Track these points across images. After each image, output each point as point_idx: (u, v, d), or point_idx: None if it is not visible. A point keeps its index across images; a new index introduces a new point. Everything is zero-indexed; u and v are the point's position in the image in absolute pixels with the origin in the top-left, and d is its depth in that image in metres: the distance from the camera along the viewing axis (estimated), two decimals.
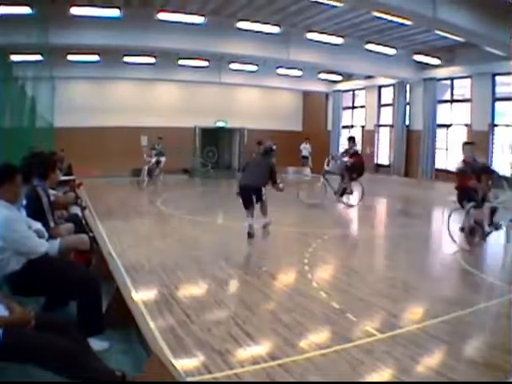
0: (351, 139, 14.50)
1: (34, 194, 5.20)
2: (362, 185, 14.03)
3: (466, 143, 9.02)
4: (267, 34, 15.28)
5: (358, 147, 23.86)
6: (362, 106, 24.21)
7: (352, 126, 24.97)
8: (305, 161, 24.81)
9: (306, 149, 24.92)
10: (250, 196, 9.45)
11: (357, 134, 24.31)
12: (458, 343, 4.59)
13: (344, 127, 25.25)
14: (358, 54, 17.52)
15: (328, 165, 15.17)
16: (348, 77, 23.89)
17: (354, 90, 24.77)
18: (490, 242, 10.49)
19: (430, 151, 19.37)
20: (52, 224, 5.35)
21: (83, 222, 7.33)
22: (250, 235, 9.34)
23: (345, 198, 14.18)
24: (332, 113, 25.62)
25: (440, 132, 19.33)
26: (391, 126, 21.71)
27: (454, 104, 19.18)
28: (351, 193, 14.14)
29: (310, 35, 15.56)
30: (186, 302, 5.70)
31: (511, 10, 11.19)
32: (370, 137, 23.24)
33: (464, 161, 8.56)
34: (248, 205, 9.38)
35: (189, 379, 3.71)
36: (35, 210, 5.00)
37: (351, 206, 14.08)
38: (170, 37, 14.81)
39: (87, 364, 2.98)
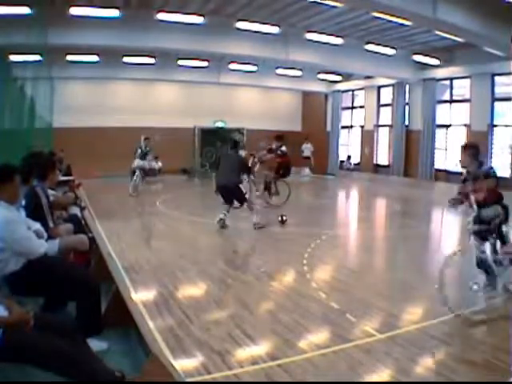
0: (279, 138, 14.03)
1: (33, 195, 5.20)
2: (288, 186, 13.61)
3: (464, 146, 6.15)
4: (266, 34, 15.28)
5: (357, 147, 24.11)
6: (361, 106, 24.21)
7: (351, 126, 24.99)
8: (306, 161, 24.82)
9: (307, 149, 24.94)
10: (229, 196, 10.00)
11: (356, 134, 24.43)
12: (458, 344, 4.59)
13: (343, 127, 25.26)
14: (358, 54, 17.53)
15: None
16: (347, 77, 23.90)
17: (353, 90, 24.77)
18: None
19: (430, 151, 19.37)
20: (51, 224, 5.35)
21: (82, 222, 7.33)
22: (223, 226, 9.90)
23: (269, 198, 13.58)
24: (331, 113, 25.62)
25: (439, 132, 19.34)
26: (390, 126, 21.72)
27: (453, 104, 19.19)
28: (277, 193, 13.59)
29: (309, 35, 15.56)
30: (185, 302, 5.70)
31: (511, 10, 11.20)
32: (369, 137, 23.25)
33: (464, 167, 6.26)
34: (227, 201, 10.13)
35: (188, 379, 3.70)
36: (34, 211, 5.00)
37: (276, 205, 13.12)
38: (169, 37, 14.81)
39: (86, 364, 2.99)
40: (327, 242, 9.31)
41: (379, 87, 22.69)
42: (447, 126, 19.15)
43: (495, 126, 16.93)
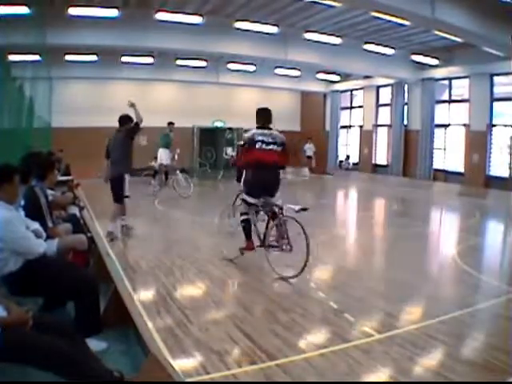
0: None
1: (32, 195, 5.20)
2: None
3: None
4: (265, 34, 15.30)
5: (356, 147, 24.12)
6: (360, 106, 24.26)
7: (350, 126, 25.02)
8: (308, 161, 24.84)
9: (310, 149, 24.97)
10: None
11: (355, 134, 24.44)
12: (457, 344, 4.59)
13: (342, 127, 25.29)
14: (357, 54, 17.56)
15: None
16: (346, 77, 23.93)
17: (352, 90, 24.81)
18: (488, 241, 10.55)
19: (428, 151, 19.40)
20: (50, 224, 5.35)
21: (81, 222, 7.34)
22: (112, 239, 8.70)
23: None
24: (330, 113, 25.66)
25: (438, 132, 19.37)
26: (389, 126, 21.75)
27: (452, 104, 19.23)
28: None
29: (308, 35, 15.58)
30: (184, 302, 5.69)
31: (509, 10, 11.22)
32: (368, 137, 23.27)
33: None
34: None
35: (187, 379, 3.70)
36: (33, 211, 5.00)
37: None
38: (168, 37, 14.83)
39: (85, 364, 2.99)
40: (326, 242, 9.30)
41: (378, 87, 22.73)
42: (446, 126, 19.18)
43: (494, 125, 16.97)
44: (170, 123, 15.73)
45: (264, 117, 7.15)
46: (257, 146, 6.76)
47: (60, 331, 3.13)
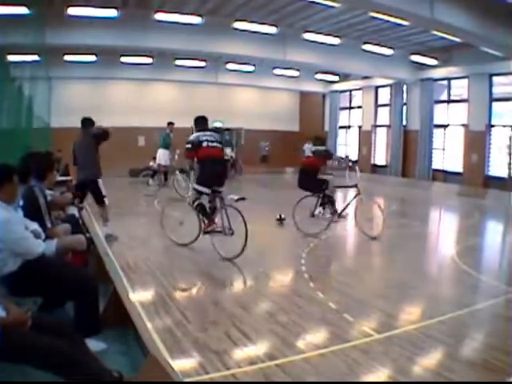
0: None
1: (30, 195, 5.19)
2: None
3: None
4: (264, 34, 15.31)
5: (355, 147, 24.11)
6: (359, 107, 24.27)
7: (349, 127, 25.02)
8: None
9: (309, 149, 24.88)
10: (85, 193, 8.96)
11: (354, 134, 24.45)
12: (456, 344, 4.59)
13: (341, 127, 25.29)
14: (355, 54, 17.57)
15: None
16: (345, 77, 23.94)
17: (351, 91, 24.82)
18: (487, 242, 10.56)
19: (427, 151, 19.42)
20: (49, 224, 5.35)
21: (80, 222, 7.34)
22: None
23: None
24: (329, 113, 25.68)
25: (437, 132, 19.39)
26: (388, 127, 21.77)
27: (451, 104, 19.24)
28: None
29: (306, 35, 15.59)
30: (183, 302, 5.70)
31: (508, 10, 11.23)
32: (367, 137, 23.28)
33: None
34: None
35: (186, 379, 3.70)
36: (32, 211, 4.99)
37: None
38: (167, 37, 14.84)
39: (84, 364, 2.99)
40: (325, 242, 9.31)
41: (377, 87, 22.75)
42: (445, 126, 19.20)
43: (493, 126, 16.98)
44: (170, 123, 15.72)
45: (203, 123, 8.48)
46: (204, 145, 7.92)
47: (59, 331, 3.13)
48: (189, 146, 8.21)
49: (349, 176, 10.49)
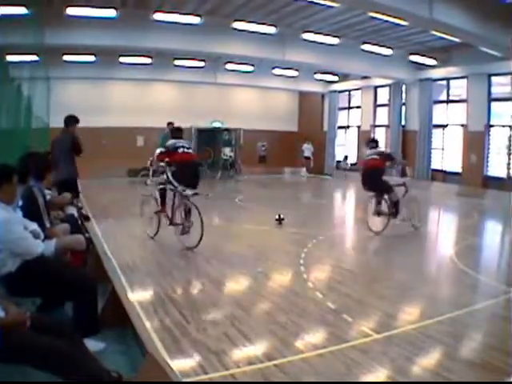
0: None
1: (29, 195, 5.19)
2: None
3: None
4: (263, 34, 15.30)
5: (354, 147, 24.13)
6: (358, 107, 24.25)
7: (348, 127, 25.02)
8: (306, 161, 24.88)
9: (308, 149, 24.99)
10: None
11: (353, 134, 24.45)
12: (455, 344, 4.60)
13: (340, 127, 25.29)
14: (354, 54, 17.57)
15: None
16: (344, 77, 23.92)
17: (349, 91, 24.81)
18: (486, 242, 10.57)
19: (426, 151, 19.42)
20: (48, 224, 5.34)
21: (79, 222, 7.33)
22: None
23: None
24: (328, 113, 25.66)
25: (436, 132, 19.39)
26: (387, 127, 21.77)
27: (450, 104, 19.24)
28: None
29: (305, 35, 15.59)
30: (181, 302, 5.70)
31: (507, 11, 11.23)
32: (366, 137, 23.24)
33: None
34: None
35: (185, 380, 3.70)
36: (31, 211, 4.99)
37: None
38: (166, 37, 14.83)
39: (83, 365, 2.98)
40: (324, 242, 9.32)
41: (376, 87, 22.74)
42: (444, 126, 19.20)
43: (492, 126, 16.98)
44: (170, 123, 15.69)
45: (178, 133, 9.20)
46: (179, 151, 8.55)
47: (58, 331, 3.13)
48: (162, 150, 9.13)
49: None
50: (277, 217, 10.76)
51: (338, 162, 24.98)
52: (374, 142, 10.61)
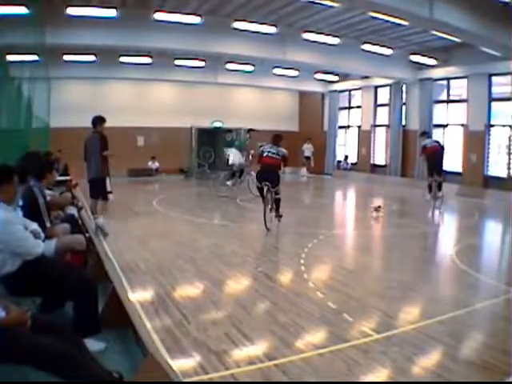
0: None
1: (30, 195, 5.19)
2: None
3: None
4: (264, 34, 15.30)
5: (354, 147, 24.13)
6: (358, 107, 24.25)
7: (348, 126, 25.03)
8: (307, 161, 24.88)
9: (308, 149, 25.00)
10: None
11: (353, 134, 24.45)
12: (455, 344, 4.59)
13: (340, 127, 25.29)
14: (355, 54, 17.57)
15: None
16: (344, 77, 23.93)
17: (350, 91, 24.81)
18: (486, 241, 10.57)
19: None
20: (48, 224, 5.35)
21: (79, 222, 7.34)
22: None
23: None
24: (328, 113, 25.67)
25: (436, 132, 19.36)
26: (387, 126, 21.77)
27: (450, 104, 19.24)
28: None
29: (306, 35, 15.59)
30: (182, 302, 5.70)
31: (507, 10, 11.23)
32: (366, 137, 23.28)
33: None
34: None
35: (185, 379, 3.70)
36: (31, 211, 5.00)
37: None
38: (166, 37, 14.83)
39: (84, 365, 2.98)
40: (324, 242, 9.32)
41: (376, 87, 22.74)
42: (444, 126, 19.20)
43: (492, 125, 16.98)
44: (251, 130, 17.37)
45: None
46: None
47: (58, 331, 3.13)
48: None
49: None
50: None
51: (339, 161, 25.00)
52: (426, 134, 14.44)
